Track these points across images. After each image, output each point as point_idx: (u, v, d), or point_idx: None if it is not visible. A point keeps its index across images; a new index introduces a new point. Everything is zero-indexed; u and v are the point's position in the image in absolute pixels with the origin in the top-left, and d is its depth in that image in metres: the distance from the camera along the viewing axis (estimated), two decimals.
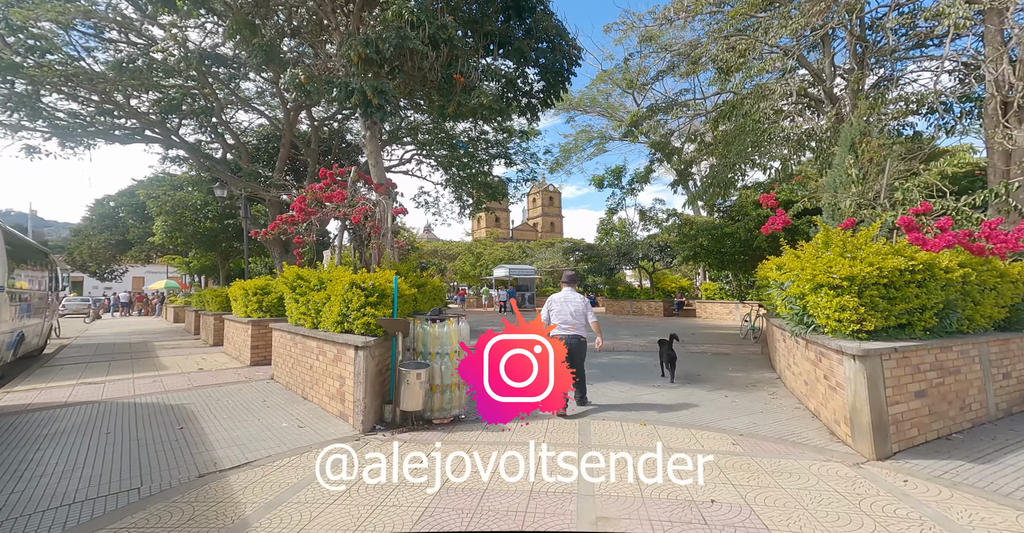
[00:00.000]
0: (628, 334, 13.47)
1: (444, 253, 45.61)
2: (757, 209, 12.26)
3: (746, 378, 6.77)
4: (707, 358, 8.87)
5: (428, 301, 7.38)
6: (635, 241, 26.21)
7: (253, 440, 4.07)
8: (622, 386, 6.32)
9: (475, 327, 17.56)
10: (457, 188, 19.81)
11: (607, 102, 22.94)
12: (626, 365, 8.06)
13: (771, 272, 6.48)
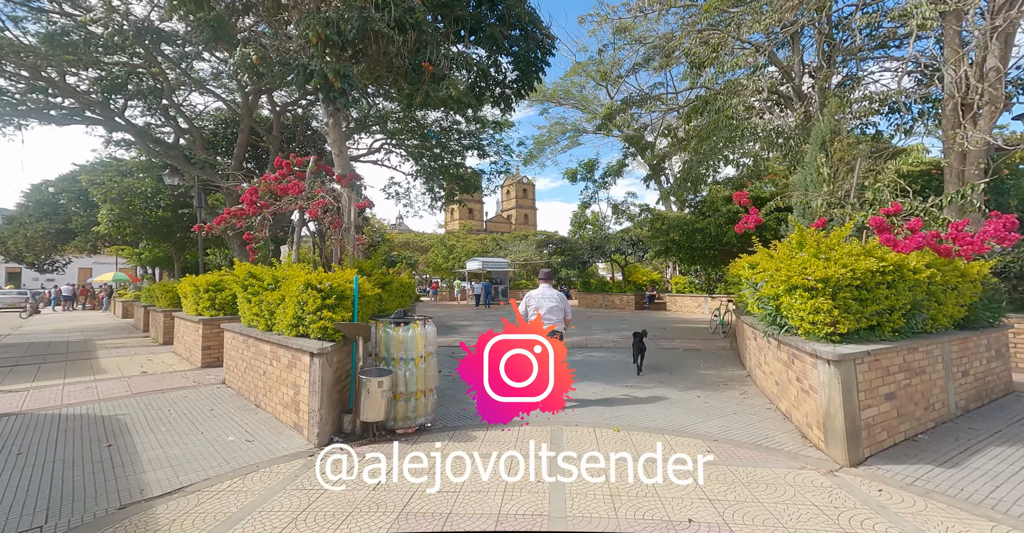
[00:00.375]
0: (601, 329, 13.47)
1: (416, 245, 44.76)
2: (727, 205, 12.40)
3: (717, 376, 6.77)
4: (679, 354, 8.89)
5: (395, 300, 7.05)
6: (608, 235, 26.34)
7: (192, 458, 3.69)
8: (595, 387, 6.20)
9: (446, 322, 17.15)
10: (428, 179, 19.29)
11: (581, 95, 22.78)
12: (599, 363, 7.96)
13: (743, 270, 6.45)
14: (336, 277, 4.49)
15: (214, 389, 6.07)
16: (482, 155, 19.82)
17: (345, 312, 4.44)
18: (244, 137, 15.05)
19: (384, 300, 6.31)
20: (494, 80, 10.50)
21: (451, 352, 9.14)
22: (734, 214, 12.12)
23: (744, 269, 6.51)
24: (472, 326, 14.79)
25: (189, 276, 8.58)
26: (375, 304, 5.80)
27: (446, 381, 6.50)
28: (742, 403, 5.31)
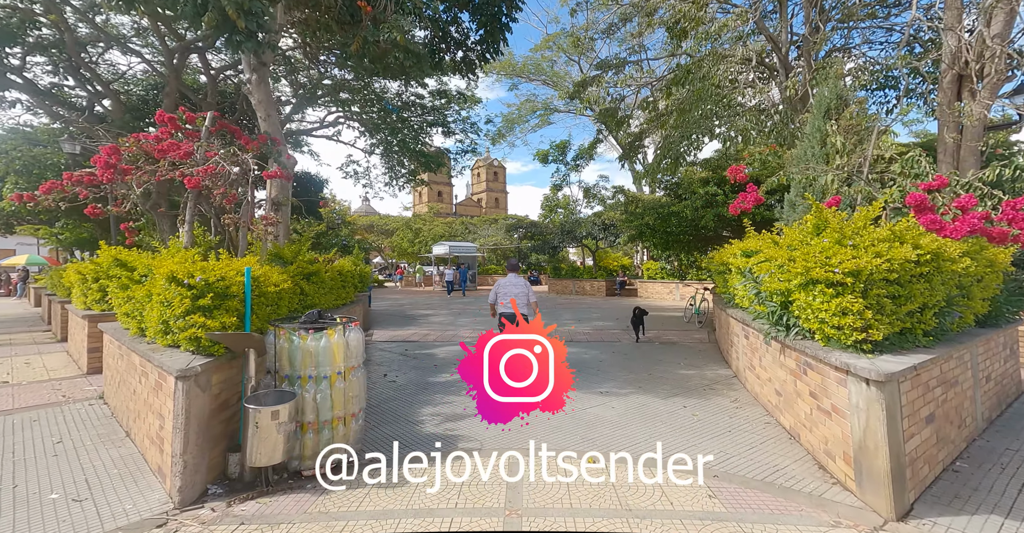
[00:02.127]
0: (571, 318, 12.64)
1: (381, 228, 42.78)
2: (705, 187, 11.64)
3: (700, 377, 5.99)
4: (655, 349, 8.11)
5: (328, 294, 5.87)
6: (579, 219, 25.55)
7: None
8: None
9: (407, 311, 15.88)
10: (387, 155, 17.78)
11: (552, 70, 21.54)
12: (571, 362, 7.05)
13: (734, 258, 5.61)
14: (216, 268, 3.29)
15: (84, 407, 4.78)
16: (447, 133, 18.46)
17: (230, 316, 3.27)
18: (170, 103, 13.07)
19: (310, 295, 5.13)
20: (454, 41, 9.21)
21: (403, 350, 8.05)
22: (711, 197, 11.38)
23: (735, 257, 5.67)
24: (434, 316, 13.69)
25: (75, 262, 7.07)
26: (294, 301, 4.62)
27: (390, 392, 5.43)
28: (736, 415, 4.50)
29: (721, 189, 11.32)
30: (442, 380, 5.98)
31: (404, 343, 8.98)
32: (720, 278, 7.20)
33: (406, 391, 5.46)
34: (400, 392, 5.43)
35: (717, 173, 12.36)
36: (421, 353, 7.93)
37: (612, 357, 7.45)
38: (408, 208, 47.32)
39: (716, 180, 11.84)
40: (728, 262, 5.73)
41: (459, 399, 5.02)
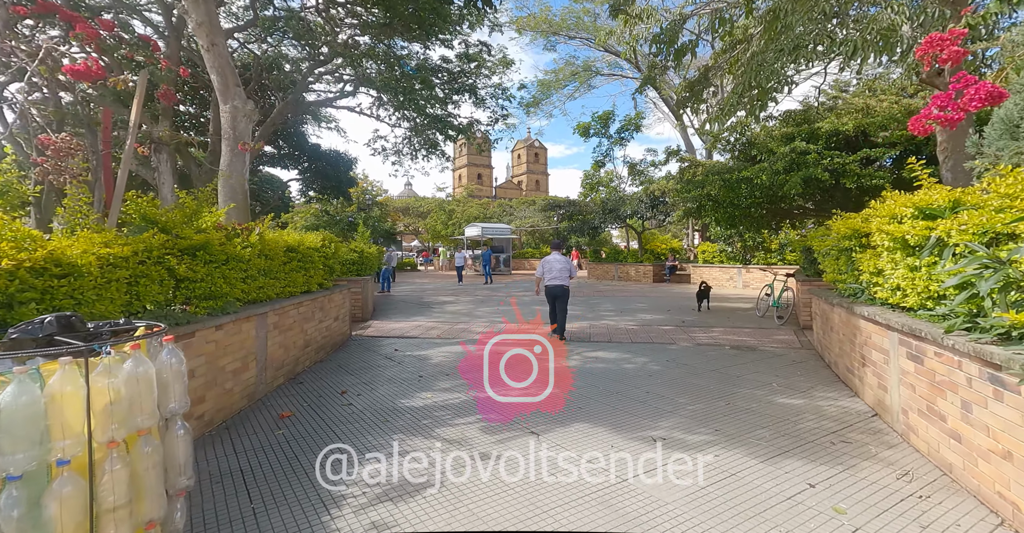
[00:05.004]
0: (611, 310, 10.48)
1: (416, 210, 41.72)
2: (790, 143, 8.99)
3: (815, 413, 3.79)
4: (727, 356, 5.90)
5: (255, 281, 4.12)
6: (623, 197, 22.91)
7: None
8: (594, 437, 3.30)
9: (426, 296, 14.18)
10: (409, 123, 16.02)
11: (595, 25, 18.81)
12: (606, 376, 5.02)
13: (890, 225, 3.31)
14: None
15: None
16: (475, 99, 16.46)
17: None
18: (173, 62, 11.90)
19: (201, 281, 3.37)
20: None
21: (393, 349, 6.26)
22: (798, 157, 8.72)
23: (888, 221, 3.38)
24: (452, 304, 11.93)
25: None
26: (149, 291, 2.86)
27: (328, 425, 3.63)
28: (923, 512, 2.35)
29: (813, 146, 8.66)
30: (419, 404, 4.14)
31: (399, 339, 7.25)
32: (834, 260, 4.86)
33: (355, 425, 3.65)
34: (347, 425, 3.64)
35: (804, 127, 9.63)
36: (412, 355, 6.15)
37: (666, 368, 5.35)
38: (442, 188, 45.87)
39: (805, 135, 9.16)
40: (881, 231, 3.41)
41: (428, 445, 3.16)
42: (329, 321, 6.16)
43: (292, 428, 3.53)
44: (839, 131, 8.69)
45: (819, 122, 9.30)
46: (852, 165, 8.32)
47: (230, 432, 3.39)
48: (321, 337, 5.83)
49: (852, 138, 8.93)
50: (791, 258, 15.14)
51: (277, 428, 3.51)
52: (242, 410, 3.86)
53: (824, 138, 8.90)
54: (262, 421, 3.66)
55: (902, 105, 9.50)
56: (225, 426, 3.48)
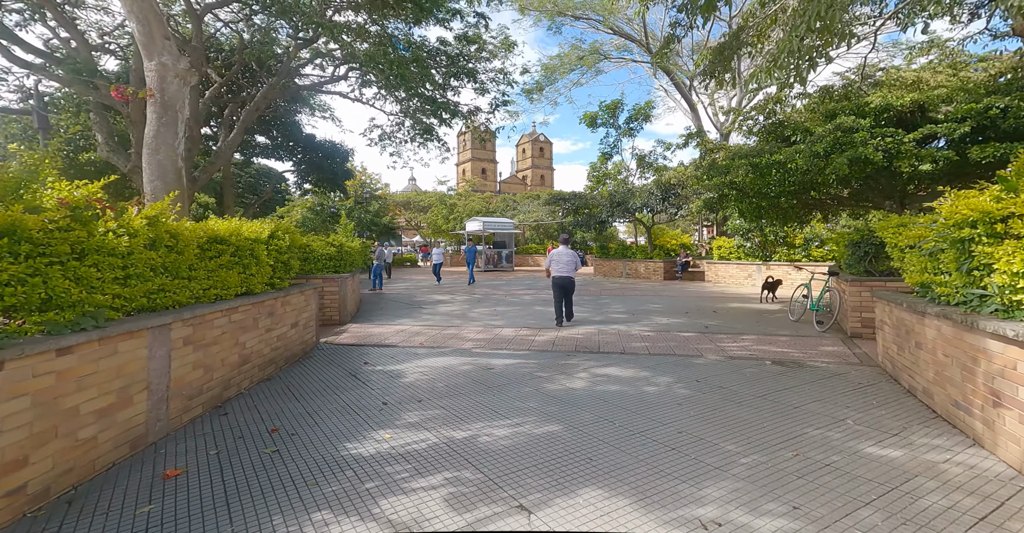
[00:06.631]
0: (622, 311, 9.32)
1: (417, 205, 40.58)
2: (832, 121, 7.75)
3: (931, 475, 2.64)
4: (772, 377, 4.73)
5: (110, 285, 3.00)
6: (632, 189, 21.67)
7: None
8: (608, 523, 2.18)
9: (420, 294, 13.01)
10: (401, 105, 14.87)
11: (603, 2, 17.51)
12: (620, 404, 3.89)
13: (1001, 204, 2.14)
14: None
15: None
16: (475, 83, 15.30)
17: None
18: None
19: None
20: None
21: (364, 361, 5.08)
22: (844, 135, 7.46)
23: (992, 202, 2.22)
24: (445, 304, 10.80)
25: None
26: None
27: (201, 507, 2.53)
28: None
29: (863, 121, 7.42)
30: (370, 450, 3.03)
31: (375, 348, 6.15)
32: (926, 257, 3.68)
33: (266, 492, 2.54)
34: (254, 494, 2.53)
35: (847, 103, 8.38)
36: (383, 371, 5.04)
37: (698, 391, 4.20)
38: (443, 181, 44.70)
39: (851, 111, 7.91)
40: (965, 217, 2.23)
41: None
42: (283, 329, 5.06)
43: (170, 499, 2.43)
44: (892, 106, 7.44)
45: (867, 97, 8.04)
46: (908, 144, 7.08)
47: (71, 509, 2.29)
48: (269, 350, 4.73)
49: (906, 115, 7.68)
50: (817, 254, 13.89)
51: (149, 500, 2.40)
52: (115, 464, 2.76)
53: (873, 115, 7.65)
54: (134, 486, 2.56)
55: (961, 78, 8.24)
56: (68, 499, 2.37)
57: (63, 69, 9.32)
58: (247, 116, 12.45)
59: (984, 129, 6.82)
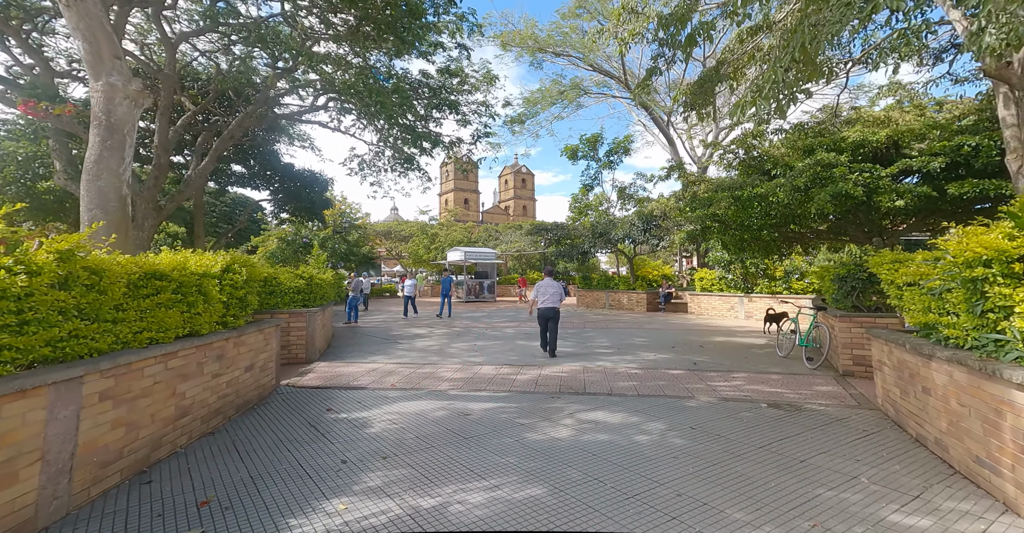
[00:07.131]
0: (607, 346, 8.95)
1: (398, 234, 40.16)
2: (812, 156, 7.82)
3: None
4: (770, 422, 4.39)
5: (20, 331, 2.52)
6: (613, 220, 21.82)
7: None
8: None
9: (397, 328, 12.31)
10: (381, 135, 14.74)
11: (582, 41, 18.11)
12: (610, 458, 3.46)
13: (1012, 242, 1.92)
14: None
15: None
16: (457, 115, 15.38)
17: None
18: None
19: None
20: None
21: (327, 407, 4.46)
22: (823, 170, 7.51)
23: (1004, 239, 2.01)
24: (423, 339, 10.26)
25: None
26: None
27: None
28: None
29: (841, 158, 7.49)
30: (316, 530, 2.53)
31: (342, 391, 5.61)
32: (923, 297, 3.48)
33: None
34: None
35: (824, 138, 8.52)
36: (347, 419, 4.52)
37: (694, 441, 3.81)
38: (425, 211, 44.59)
39: (830, 145, 8.02)
40: (976, 255, 2.02)
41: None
42: (235, 373, 4.53)
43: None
44: (868, 141, 7.56)
45: (843, 132, 8.20)
46: (885, 180, 7.14)
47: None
48: (216, 398, 4.18)
49: (881, 150, 7.81)
50: (798, 286, 13.93)
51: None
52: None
53: (850, 150, 7.76)
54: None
55: (927, 118, 8.51)
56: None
57: (21, 94, 8.89)
58: (221, 144, 12.09)
59: (957, 166, 6.93)
